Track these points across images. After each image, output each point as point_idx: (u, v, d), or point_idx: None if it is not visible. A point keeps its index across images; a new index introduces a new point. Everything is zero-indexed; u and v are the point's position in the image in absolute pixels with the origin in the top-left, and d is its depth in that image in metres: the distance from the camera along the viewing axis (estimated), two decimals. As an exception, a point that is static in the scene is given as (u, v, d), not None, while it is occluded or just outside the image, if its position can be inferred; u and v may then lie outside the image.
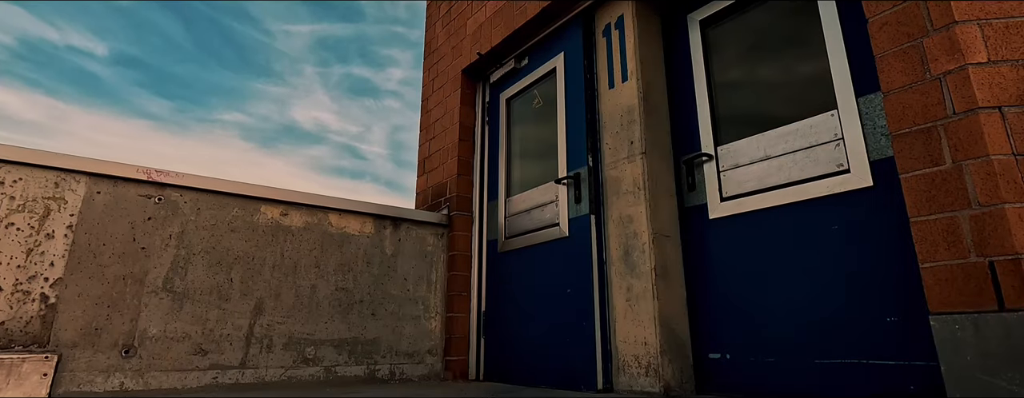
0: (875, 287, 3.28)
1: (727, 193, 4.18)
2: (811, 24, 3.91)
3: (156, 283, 4.27)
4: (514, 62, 6.16)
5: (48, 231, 3.96)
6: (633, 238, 4.32)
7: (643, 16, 4.88)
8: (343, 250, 5.18)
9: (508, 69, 6.23)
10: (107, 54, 46.71)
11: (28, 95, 42.94)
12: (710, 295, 4.17)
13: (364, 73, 60.70)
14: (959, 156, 2.70)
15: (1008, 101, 2.65)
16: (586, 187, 4.82)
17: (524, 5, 5.72)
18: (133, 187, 4.32)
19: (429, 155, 6.87)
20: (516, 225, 5.68)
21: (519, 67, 6.14)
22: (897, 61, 3.01)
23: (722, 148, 4.27)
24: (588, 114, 4.98)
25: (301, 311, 4.83)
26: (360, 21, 61.24)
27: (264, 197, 4.85)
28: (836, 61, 3.68)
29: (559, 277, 4.96)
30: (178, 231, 4.43)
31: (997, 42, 2.75)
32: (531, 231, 5.43)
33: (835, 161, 3.57)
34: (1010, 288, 2.45)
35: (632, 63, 4.69)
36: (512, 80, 6.27)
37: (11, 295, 3.78)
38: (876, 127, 3.39)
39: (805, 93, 3.87)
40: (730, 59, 4.43)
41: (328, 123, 57.11)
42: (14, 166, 3.94)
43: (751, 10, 4.37)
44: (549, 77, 5.75)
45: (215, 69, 51.55)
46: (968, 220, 2.63)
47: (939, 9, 2.88)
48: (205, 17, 50.81)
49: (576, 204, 4.92)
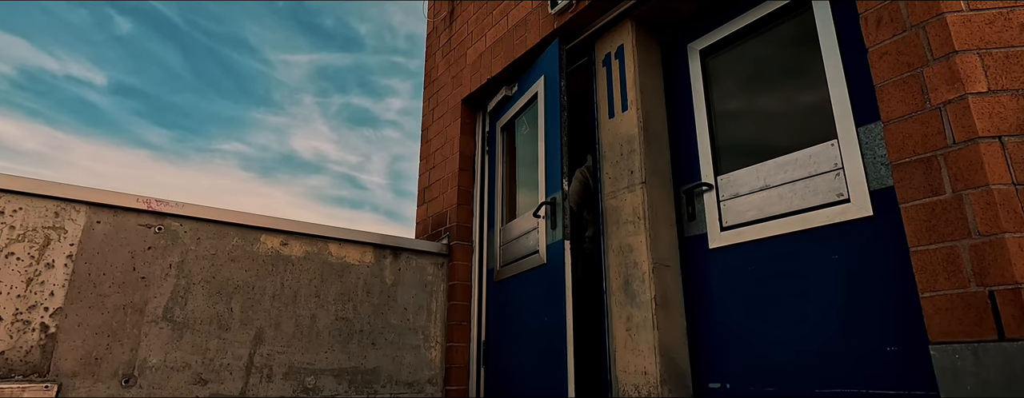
0: (875, 316, 3.27)
1: (727, 222, 4.18)
2: (811, 53, 3.93)
3: (156, 313, 4.26)
4: (505, 89, 6.17)
5: (48, 260, 3.96)
6: (633, 268, 4.31)
7: (643, 46, 4.90)
8: (343, 280, 5.18)
9: (501, 97, 6.24)
10: (106, 84, 46.89)
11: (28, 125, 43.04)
12: (710, 324, 4.16)
13: (363, 103, 60.92)
14: (959, 186, 2.70)
15: (1008, 130, 2.66)
16: (561, 212, 4.76)
17: (525, 35, 5.74)
18: (133, 217, 4.32)
19: (429, 184, 6.88)
20: (508, 253, 5.67)
21: (509, 94, 6.15)
22: (897, 90, 3.02)
23: (722, 177, 4.27)
24: (562, 136, 4.93)
25: (301, 341, 4.82)
26: (359, 51, 61.54)
27: (264, 226, 4.85)
28: (836, 90, 3.69)
29: (540, 304, 4.92)
30: (178, 260, 4.43)
31: (997, 71, 2.76)
32: (520, 258, 5.41)
33: (835, 191, 3.58)
34: (1010, 318, 2.45)
35: (632, 92, 4.70)
36: (505, 108, 6.28)
37: (11, 325, 3.77)
38: (876, 156, 3.40)
39: (805, 122, 3.88)
40: (730, 88, 4.45)
41: (327, 153, 57.27)
42: (14, 195, 3.95)
43: (751, 40, 4.39)
44: (533, 102, 5.73)
45: (214, 99, 51.74)
46: (968, 249, 2.63)
47: (939, 38, 2.89)
48: (204, 47, 51.06)
49: (552, 230, 4.88)
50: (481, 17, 6.65)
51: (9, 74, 40.06)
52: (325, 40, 56.05)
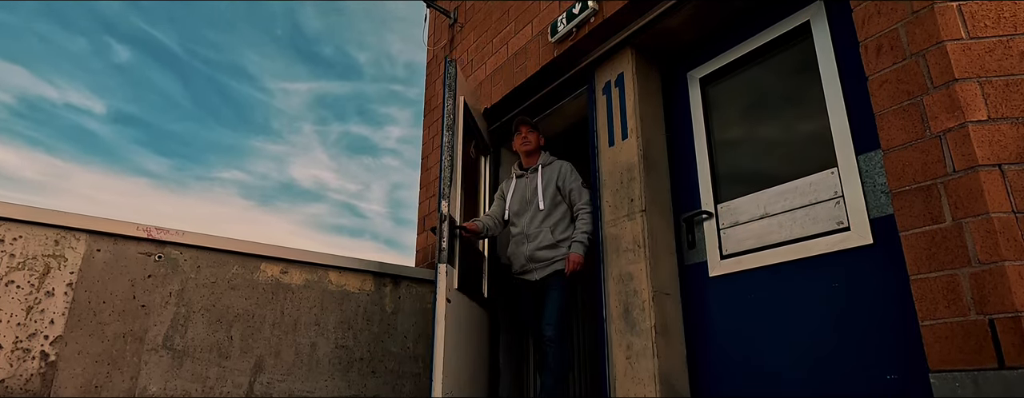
0: (875, 344, 3.27)
1: (727, 251, 4.18)
2: (811, 81, 3.94)
3: (156, 341, 4.26)
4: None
5: (48, 289, 3.96)
6: (633, 296, 4.31)
7: (643, 74, 4.91)
8: (343, 308, 5.17)
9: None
10: (105, 112, 47.02)
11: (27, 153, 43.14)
12: (710, 352, 4.16)
13: (363, 131, 61.11)
14: (959, 214, 2.71)
15: (1008, 159, 2.67)
16: (439, 235, 4.59)
17: (524, 63, 5.76)
18: (133, 245, 4.32)
19: (429, 213, 6.88)
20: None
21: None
22: (897, 119, 3.03)
23: (722, 205, 4.28)
24: (443, 156, 4.81)
25: (301, 369, 4.81)
26: (358, 79, 61.81)
27: (264, 255, 4.85)
28: (836, 118, 3.70)
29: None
30: (178, 289, 4.42)
31: (997, 100, 2.77)
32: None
33: (835, 219, 3.58)
34: (1010, 346, 2.45)
35: (632, 121, 4.71)
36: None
37: (11, 353, 3.77)
38: (876, 185, 3.41)
39: (805, 150, 3.89)
40: (730, 116, 4.46)
41: (327, 181, 57.35)
42: (14, 224, 3.95)
43: (751, 68, 4.41)
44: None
45: (214, 127, 51.88)
46: (968, 278, 2.63)
47: (939, 67, 2.91)
48: (203, 75, 51.24)
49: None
50: (481, 45, 6.68)
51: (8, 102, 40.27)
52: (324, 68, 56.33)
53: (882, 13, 3.23)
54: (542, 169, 5.47)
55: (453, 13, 7.53)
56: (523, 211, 5.42)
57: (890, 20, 3.18)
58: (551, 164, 5.51)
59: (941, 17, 2.96)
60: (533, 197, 5.38)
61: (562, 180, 5.33)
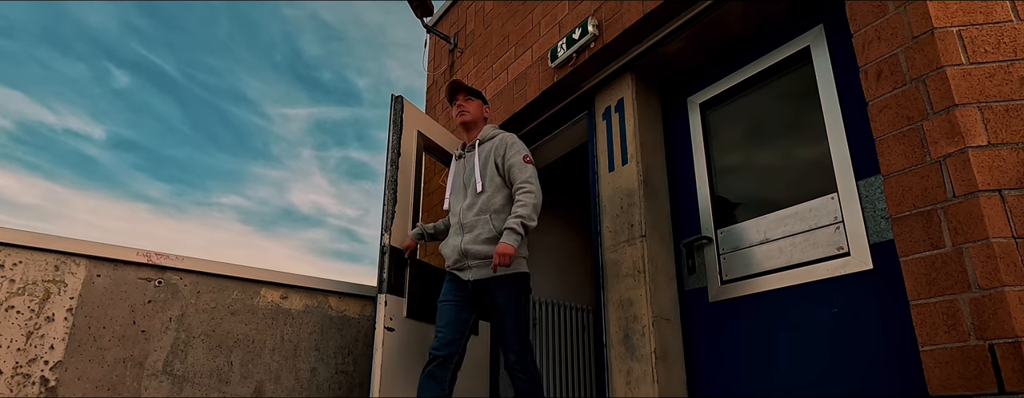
0: (875, 370, 3.27)
1: (727, 276, 4.18)
2: (811, 107, 3.95)
3: (156, 366, 4.24)
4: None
5: (48, 314, 3.95)
6: (633, 321, 4.30)
7: (643, 99, 4.92)
8: (343, 333, 5.15)
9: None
10: (105, 137, 47.01)
11: (26, 179, 43.11)
12: (710, 378, 4.14)
13: (362, 156, 61.01)
14: (959, 239, 2.71)
15: (1008, 184, 2.67)
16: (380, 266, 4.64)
17: (524, 88, 5.77)
18: (133, 270, 4.31)
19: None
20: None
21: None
22: (897, 144, 3.04)
23: (722, 231, 4.28)
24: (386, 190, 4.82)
25: (301, 394, 4.79)
26: (357, 105, 61.86)
27: (264, 280, 4.84)
28: (836, 144, 3.71)
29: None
30: (178, 314, 4.41)
31: (997, 125, 2.78)
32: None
33: (835, 244, 3.58)
34: (1010, 371, 2.45)
35: (632, 146, 4.72)
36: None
37: (11, 378, 3.76)
38: (876, 210, 3.41)
39: (805, 176, 3.89)
40: (730, 142, 4.47)
41: (326, 206, 57.21)
42: (14, 249, 3.94)
43: (751, 93, 4.42)
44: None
45: (213, 152, 51.86)
46: (968, 303, 2.63)
47: (939, 92, 2.92)
48: (202, 100, 51.25)
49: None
50: (481, 71, 6.69)
51: (8, 128, 40.26)
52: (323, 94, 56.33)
53: (882, 38, 3.24)
54: (480, 145, 4.57)
55: (453, 38, 7.55)
56: (460, 197, 4.54)
57: (890, 45, 3.19)
58: (492, 137, 4.57)
59: (941, 42, 2.97)
60: (471, 178, 4.49)
61: (500, 155, 4.38)
